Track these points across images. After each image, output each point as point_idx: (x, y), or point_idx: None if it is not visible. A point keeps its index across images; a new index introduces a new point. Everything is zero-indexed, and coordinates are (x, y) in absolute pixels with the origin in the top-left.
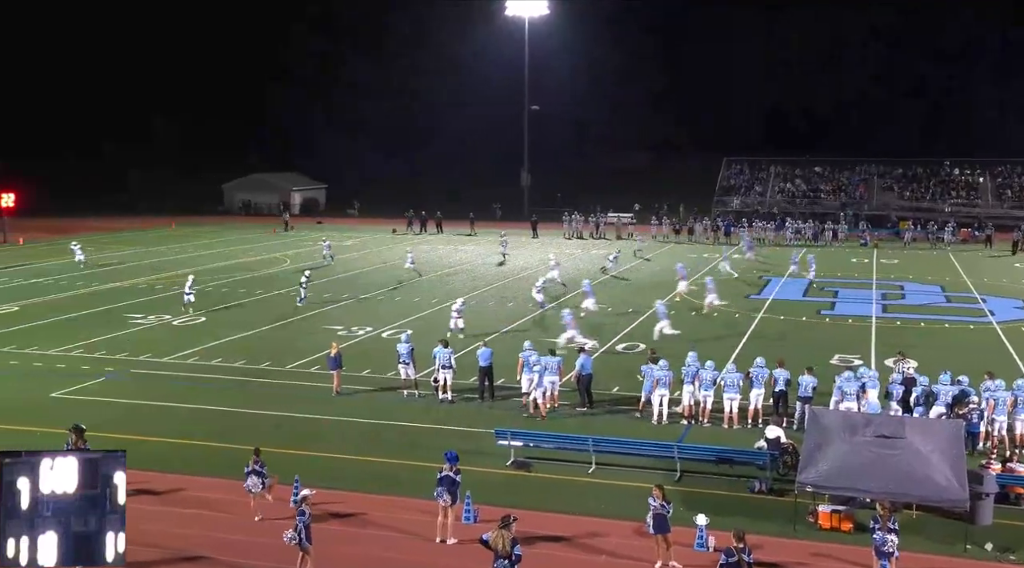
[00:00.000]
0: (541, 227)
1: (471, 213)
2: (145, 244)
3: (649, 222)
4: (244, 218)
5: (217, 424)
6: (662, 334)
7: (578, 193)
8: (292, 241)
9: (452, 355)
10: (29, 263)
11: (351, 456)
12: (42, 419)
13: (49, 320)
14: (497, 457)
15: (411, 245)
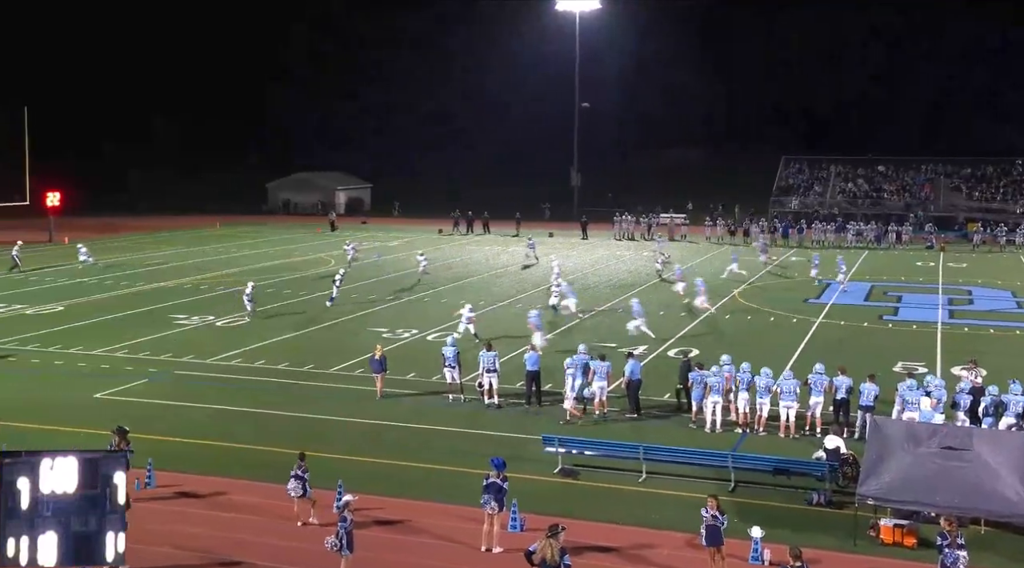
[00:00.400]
0: (591, 228)
1: (517, 213)
2: (188, 244)
3: (703, 223)
4: (287, 218)
5: (260, 427)
6: (639, 331)
7: (629, 193)
8: (337, 241)
9: (497, 358)
10: (73, 263)
11: (395, 461)
12: (86, 420)
13: (93, 320)
14: (544, 464)
15: (423, 248)
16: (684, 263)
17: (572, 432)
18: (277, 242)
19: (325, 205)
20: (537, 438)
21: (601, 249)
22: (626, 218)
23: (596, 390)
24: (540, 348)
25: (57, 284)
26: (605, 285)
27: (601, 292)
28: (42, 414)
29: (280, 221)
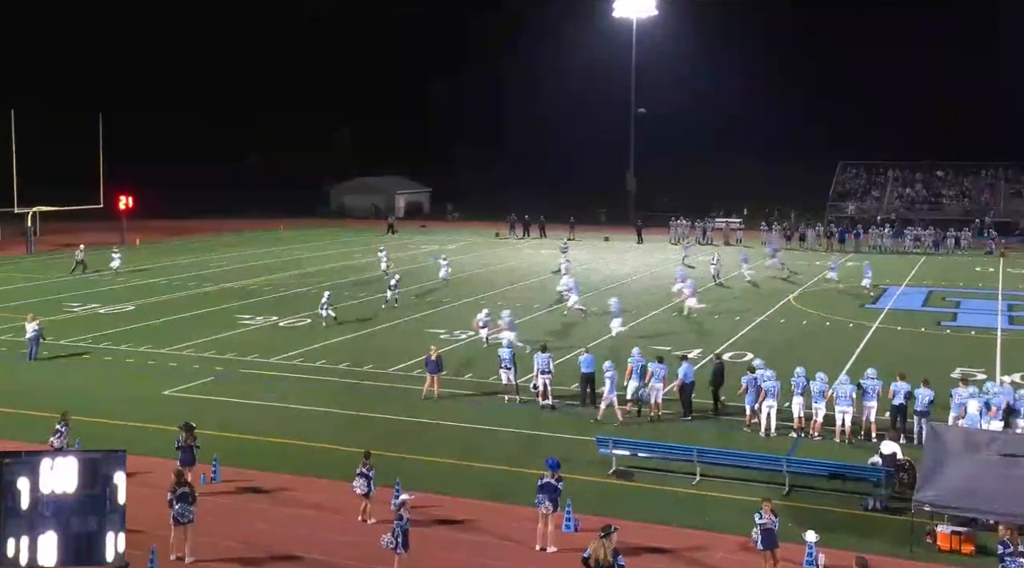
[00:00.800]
0: (646, 232)
1: (571, 217)
2: (255, 245)
3: (758, 228)
4: (348, 222)
5: (320, 425)
6: (617, 331)
7: (685, 197)
8: (396, 244)
9: (551, 360)
10: (145, 265)
11: (452, 460)
12: (155, 416)
13: (162, 320)
14: (599, 465)
15: (447, 254)
16: (736, 269)
17: (626, 434)
18: (338, 244)
19: (378, 209)
20: (591, 439)
21: (656, 253)
22: (681, 222)
23: (652, 392)
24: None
25: (129, 284)
26: (659, 289)
27: (656, 296)
28: (113, 410)
29: (339, 224)
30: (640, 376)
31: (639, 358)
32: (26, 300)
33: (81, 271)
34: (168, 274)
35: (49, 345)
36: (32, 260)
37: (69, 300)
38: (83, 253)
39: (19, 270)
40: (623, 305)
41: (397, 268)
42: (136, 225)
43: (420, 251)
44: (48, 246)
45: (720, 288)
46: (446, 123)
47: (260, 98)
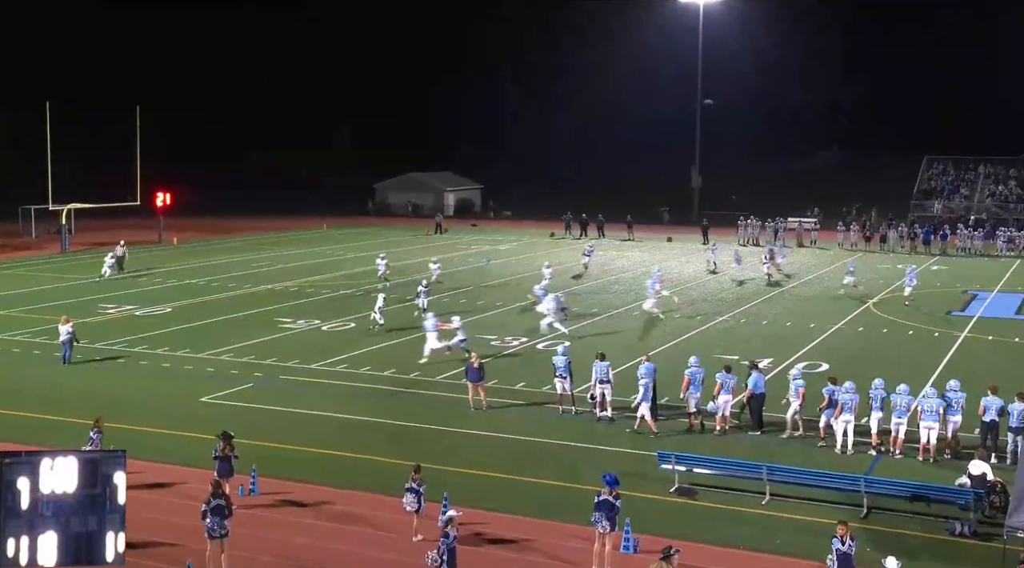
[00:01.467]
0: (713, 232)
1: (628, 216)
2: (297, 245)
3: (835, 228)
4: (392, 220)
5: (364, 435)
6: (551, 328)
7: (754, 195)
8: (445, 245)
9: (611, 369)
10: (182, 264)
11: (502, 475)
12: (192, 424)
13: (200, 322)
14: (660, 482)
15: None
16: (810, 272)
17: (690, 449)
18: (383, 245)
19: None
20: (652, 454)
21: (723, 255)
22: (751, 222)
23: (720, 404)
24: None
25: (166, 285)
26: (727, 293)
27: (723, 300)
28: (149, 417)
29: (383, 223)
30: (699, 386)
31: (697, 367)
32: (60, 301)
33: (118, 269)
34: (207, 275)
35: (83, 348)
36: (66, 259)
37: (104, 301)
38: (124, 249)
39: (53, 270)
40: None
41: (452, 270)
42: (174, 223)
43: (470, 252)
44: (82, 245)
45: (792, 294)
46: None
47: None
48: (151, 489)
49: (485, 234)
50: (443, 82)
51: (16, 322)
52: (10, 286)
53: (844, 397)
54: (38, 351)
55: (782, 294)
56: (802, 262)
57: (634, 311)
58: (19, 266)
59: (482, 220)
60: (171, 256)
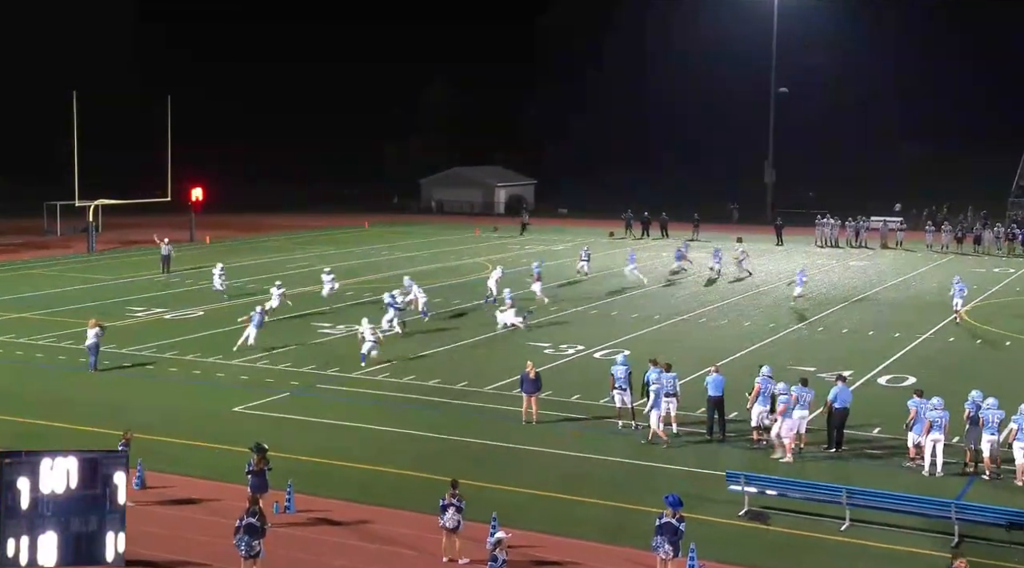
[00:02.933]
0: (788, 232)
1: (695, 215)
2: (337, 245)
3: (924, 228)
4: (439, 218)
5: (407, 450)
6: (506, 326)
7: (833, 193)
8: (494, 245)
9: (677, 380)
10: (216, 264)
11: (555, 494)
12: (223, 435)
13: (234, 327)
14: (728, 505)
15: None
16: (895, 276)
17: (761, 468)
18: (430, 244)
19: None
20: (720, 474)
21: (799, 257)
22: (830, 221)
23: (796, 420)
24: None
25: (197, 287)
26: (803, 299)
27: (801, 307)
28: (178, 428)
29: (430, 221)
30: (767, 399)
31: (769, 377)
32: (86, 303)
33: (166, 269)
34: (240, 276)
35: (111, 354)
36: (93, 259)
37: (133, 304)
38: (169, 248)
39: (79, 270)
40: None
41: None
42: (206, 220)
43: (524, 252)
44: (109, 244)
45: (875, 300)
46: (548, 107)
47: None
48: (181, 505)
49: (540, 234)
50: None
51: (40, 325)
52: (33, 287)
53: (933, 414)
54: (63, 356)
55: (863, 301)
56: (886, 265)
57: (700, 318)
58: (43, 266)
59: (538, 219)
60: (204, 256)
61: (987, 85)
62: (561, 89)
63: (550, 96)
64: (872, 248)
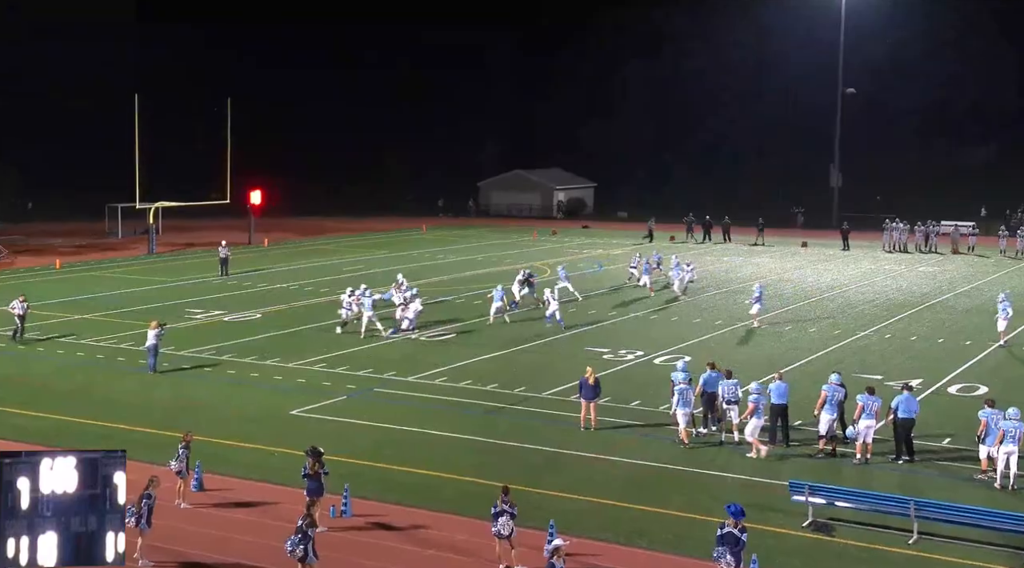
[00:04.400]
0: (854, 237)
1: (760, 219)
2: (394, 248)
3: (997, 233)
4: (498, 221)
5: (465, 455)
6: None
7: (902, 196)
8: (552, 248)
9: (739, 387)
10: (274, 267)
11: (613, 501)
12: (280, 438)
13: (291, 330)
14: (791, 516)
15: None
16: (967, 282)
17: (827, 478)
18: (487, 248)
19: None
20: (783, 484)
21: (866, 262)
22: (898, 226)
23: (862, 429)
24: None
25: (256, 290)
26: (870, 305)
27: (868, 314)
28: (235, 430)
29: (488, 224)
30: (835, 407)
31: (837, 385)
32: (147, 305)
33: (224, 272)
34: (298, 279)
35: (170, 355)
36: (154, 261)
37: (192, 306)
38: (227, 250)
39: (140, 271)
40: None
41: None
42: (265, 223)
43: (581, 256)
44: (169, 246)
45: (946, 307)
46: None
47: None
48: (238, 508)
49: (599, 237)
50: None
51: (101, 326)
52: (95, 288)
53: (1006, 424)
54: (123, 358)
55: (933, 307)
56: (957, 271)
57: (764, 324)
58: (104, 267)
59: (597, 222)
60: (263, 259)
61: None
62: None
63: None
64: (942, 253)
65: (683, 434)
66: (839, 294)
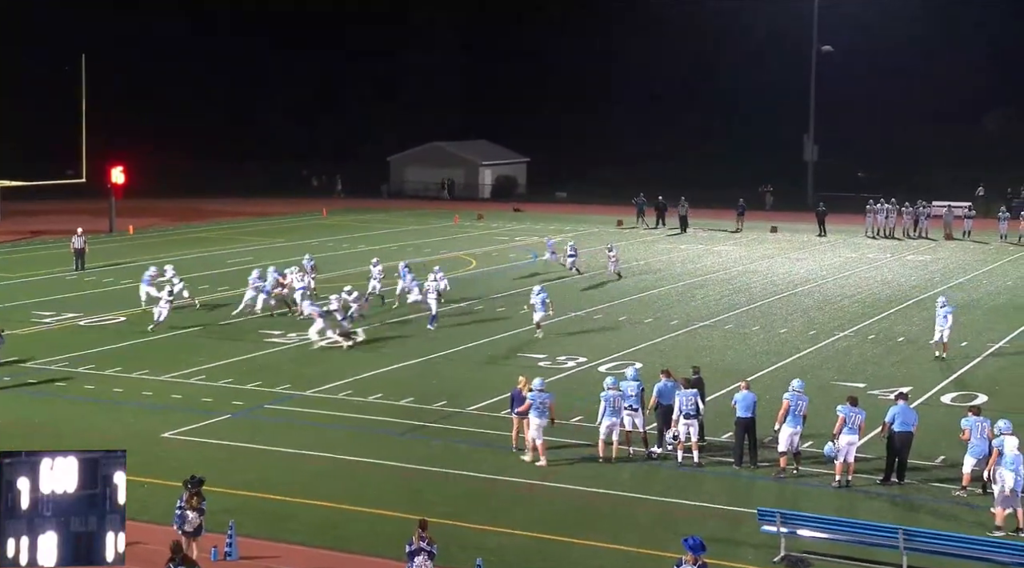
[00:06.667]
0: (832, 220)
1: (741, 200)
2: (290, 235)
3: (996, 215)
4: (411, 203)
5: (375, 484)
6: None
7: (888, 173)
8: (479, 236)
9: (699, 398)
10: (140, 259)
11: (554, 536)
12: (149, 465)
13: (163, 336)
14: (761, 549)
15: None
16: (962, 273)
17: (802, 505)
18: (402, 235)
19: (451, 184)
20: (751, 512)
21: (846, 250)
22: (884, 207)
23: (844, 446)
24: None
25: (119, 287)
26: (851, 301)
27: (848, 311)
28: None
29: (402, 207)
30: (799, 419)
31: (800, 393)
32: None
33: (80, 265)
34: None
35: (13, 369)
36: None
37: (39, 307)
38: (83, 240)
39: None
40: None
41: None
42: (128, 206)
43: (513, 244)
44: (12, 235)
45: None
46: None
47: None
48: None
49: (534, 222)
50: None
51: None
52: None
53: (996, 440)
54: None
55: (923, 303)
56: (951, 260)
57: (726, 323)
58: None
59: (530, 204)
60: (126, 249)
61: None
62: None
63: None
64: (934, 239)
65: (601, 449)
66: (815, 288)
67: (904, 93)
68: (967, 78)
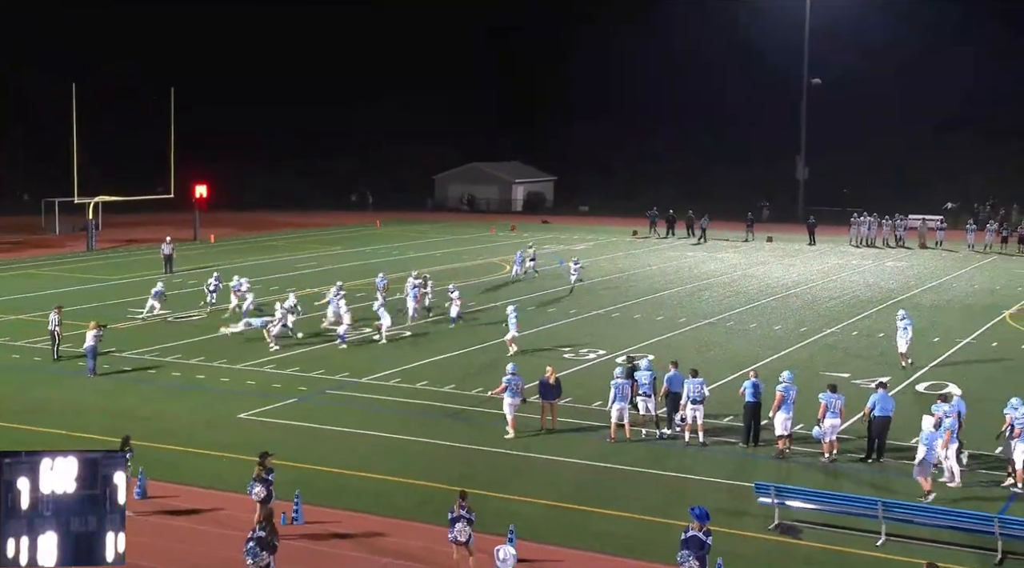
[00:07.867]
0: (821, 231)
1: (749, 214)
2: (347, 244)
3: (963, 226)
4: (453, 215)
5: (421, 459)
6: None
7: (871, 189)
8: (513, 244)
9: (705, 386)
10: (220, 264)
11: (576, 506)
12: (226, 442)
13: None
14: (757, 518)
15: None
16: (934, 278)
17: (794, 479)
18: (445, 243)
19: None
20: (749, 485)
21: (833, 257)
22: (867, 219)
23: (827, 429)
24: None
25: (201, 288)
26: (837, 301)
27: (835, 310)
28: (181, 435)
29: (445, 219)
30: (790, 407)
31: (790, 383)
32: (86, 304)
33: (169, 269)
34: (246, 275)
35: (111, 357)
36: (93, 258)
37: (135, 304)
38: (171, 247)
39: (78, 269)
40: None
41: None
42: (210, 218)
43: (543, 251)
44: (110, 243)
45: (912, 303)
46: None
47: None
48: (182, 516)
49: (560, 232)
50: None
51: (37, 328)
52: (30, 287)
53: (948, 422)
54: (60, 361)
55: (900, 303)
56: (925, 266)
57: (728, 321)
58: (40, 265)
59: (557, 217)
60: (209, 255)
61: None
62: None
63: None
64: (910, 248)
65: (612, 431)
66: (805, 290)
67: (884, 117)
68: (941, 101)
